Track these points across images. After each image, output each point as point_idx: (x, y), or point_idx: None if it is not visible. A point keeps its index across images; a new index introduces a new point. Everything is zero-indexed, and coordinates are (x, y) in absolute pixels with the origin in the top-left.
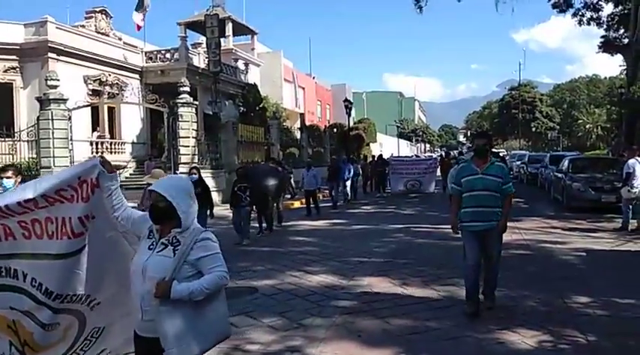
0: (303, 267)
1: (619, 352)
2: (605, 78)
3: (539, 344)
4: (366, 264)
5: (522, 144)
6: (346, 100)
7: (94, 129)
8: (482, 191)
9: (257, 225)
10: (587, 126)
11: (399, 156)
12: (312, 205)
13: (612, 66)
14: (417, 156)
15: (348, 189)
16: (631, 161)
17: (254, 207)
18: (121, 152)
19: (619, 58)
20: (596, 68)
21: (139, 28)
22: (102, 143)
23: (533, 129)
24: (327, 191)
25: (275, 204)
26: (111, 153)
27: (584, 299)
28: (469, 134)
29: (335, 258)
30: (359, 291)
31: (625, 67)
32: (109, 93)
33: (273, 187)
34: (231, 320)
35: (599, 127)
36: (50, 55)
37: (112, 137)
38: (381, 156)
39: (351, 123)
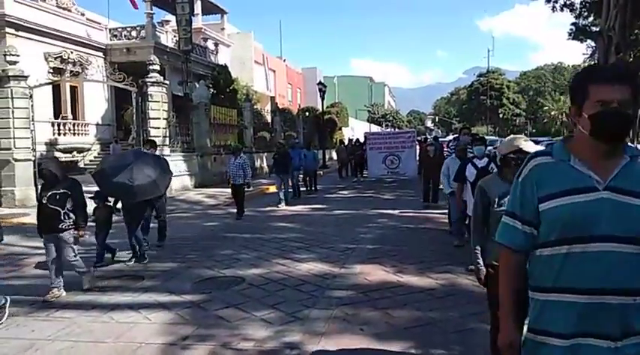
0: (290, 255)
1: None
2: (569, 66)
3: None
4: (355, 250)
5: (489, 130)
6: (320, 83)
7: (55, 110)
8: (610, 242)
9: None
10: (553, 113)
11: (375, 132)
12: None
13: (576, 54)
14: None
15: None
16: None
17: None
18: (84, 134)
19: (582, 47)
20: (560, 56)
21: (135, 6)
22: (64, 124)
23: (501, 115)
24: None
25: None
26: (74, 135)
27: None
28: (437, 120)
29: (321, 244)
30: (353, 280)
31: (589, 55)
32: (71, 71)
33: (153, 183)
34: (221, 313)
35: (563, 114)
36: (8, 29)
37: (74, 118)
38: (357, 140)
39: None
